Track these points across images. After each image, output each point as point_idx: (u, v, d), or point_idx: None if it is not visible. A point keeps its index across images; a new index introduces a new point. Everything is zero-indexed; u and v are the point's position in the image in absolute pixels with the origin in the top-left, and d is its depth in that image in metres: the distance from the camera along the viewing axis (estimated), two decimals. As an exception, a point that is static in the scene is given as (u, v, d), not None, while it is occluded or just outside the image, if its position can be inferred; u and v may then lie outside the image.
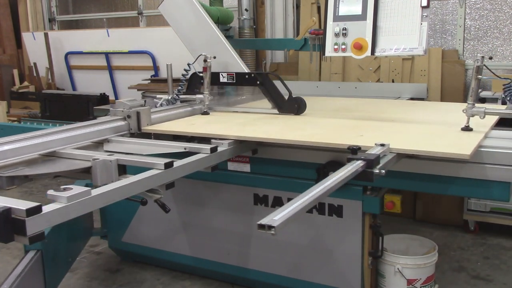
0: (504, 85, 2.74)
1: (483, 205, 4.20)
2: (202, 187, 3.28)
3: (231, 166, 3.10)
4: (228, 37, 4.51)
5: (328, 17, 2.98)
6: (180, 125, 3.12)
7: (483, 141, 2.49)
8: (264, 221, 1.49)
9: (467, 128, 2.65)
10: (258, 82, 3.41)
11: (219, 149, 2.59)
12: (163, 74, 5.91)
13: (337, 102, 4.04)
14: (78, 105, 5.26)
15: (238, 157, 3.04)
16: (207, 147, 2.53)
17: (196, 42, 4.01)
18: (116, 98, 6.24)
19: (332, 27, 2.96)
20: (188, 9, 3.95)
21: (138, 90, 5.32)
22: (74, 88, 6.85)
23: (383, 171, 2.05)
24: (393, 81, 4.79)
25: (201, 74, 3.45)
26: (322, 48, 3.08)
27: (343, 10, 2.94)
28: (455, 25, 4.83)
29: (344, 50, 2.93)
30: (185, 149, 2.58)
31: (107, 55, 6.29)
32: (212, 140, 2.69)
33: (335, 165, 2.71)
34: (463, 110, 2.67)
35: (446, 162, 2.43)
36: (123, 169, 2.32)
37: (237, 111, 3.57)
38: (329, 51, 3.00)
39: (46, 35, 6.69)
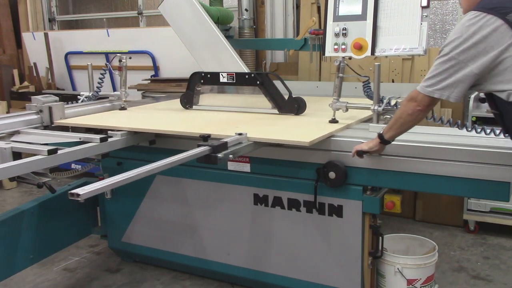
0: (363, 82, 2.98)
1: (483, 205, 4.20)
2: (202, 187, 3.28)
3: (231, 166, 3.10)
4: (228, 37, 4.51)
5: (328, 17, 2.98)
6: (89, 119, 3.36)
7: (342, 131, 2.84)
8: (75, 190, 1.73)
9: (333, 121, 2.98)
10: (258, 82, 3.41)
11: (112, 139, 2.89)
12: (163, 74, 5.91)
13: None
14: (78, 105, 5.25)
15: (238, 157, 3.03)
16: (97, 137, 2.80)
17: (196, 42, 4.02)
18: (116, 98, 6.23)
19: (332, 27, 2.96)
20: (188, 9, 3.96)
21: (138, 90, 5.31)
22: (74, 88, 6.83)
23: (231, 156, 2.35)
24: (393, 81, 4.79)
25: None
26: (322, 48, 3.08)
27: (343, 10, 2.94)
28: (455, 25, 4.82)
29: (344, 50, 2.94)
30: (80, 139, 2.85)
31: (107, 55, 6.28)
32: (109, 132, 2.96)
33: (335, 165, 2.73)
34: (329, 105, 2.98)
35: (304, 150, 2.74)
36: (18, 156, 2.66)
37: (236, 111, 3.57)
38: (329, 51, 3.00)
39: (46, 35, 6.69)
